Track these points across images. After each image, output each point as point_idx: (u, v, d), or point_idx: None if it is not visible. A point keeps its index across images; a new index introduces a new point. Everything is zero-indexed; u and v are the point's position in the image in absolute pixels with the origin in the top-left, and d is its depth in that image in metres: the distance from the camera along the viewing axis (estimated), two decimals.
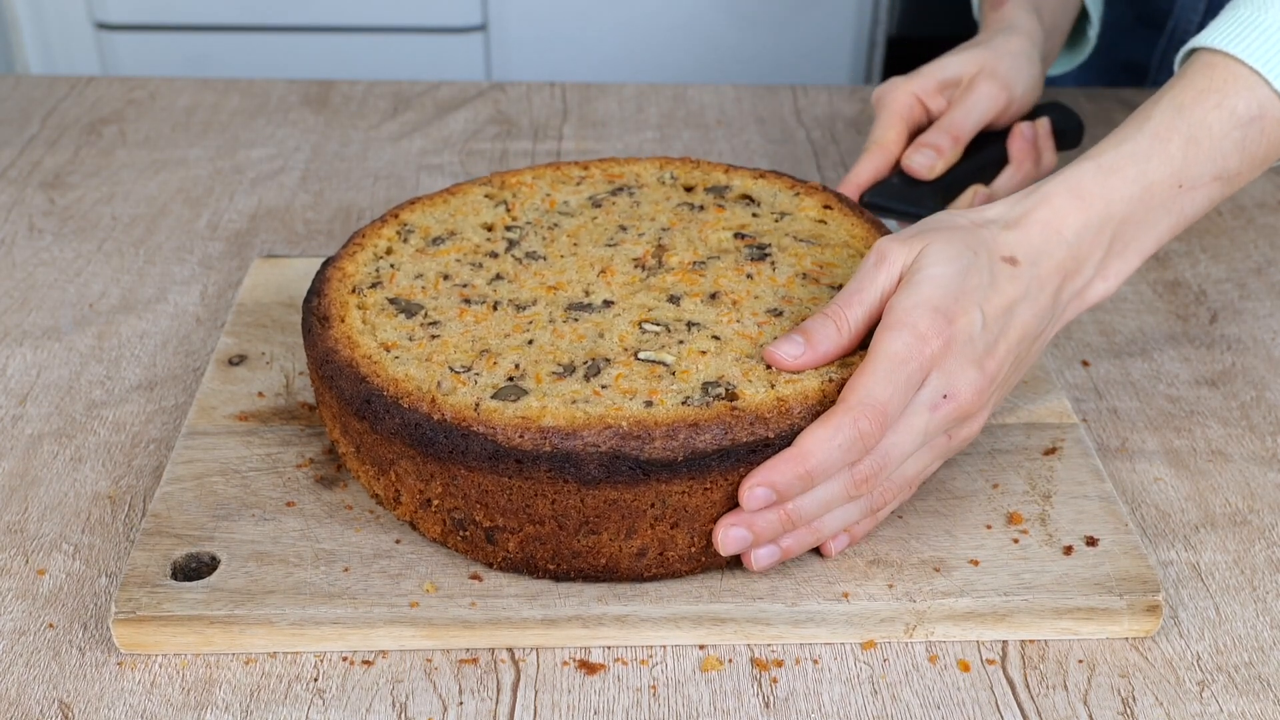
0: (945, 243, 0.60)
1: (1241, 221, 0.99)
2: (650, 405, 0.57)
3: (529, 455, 0.56)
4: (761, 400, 0.58)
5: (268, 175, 1.03)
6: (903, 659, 0.59)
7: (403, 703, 0.56)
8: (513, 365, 0.60)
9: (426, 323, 0.64)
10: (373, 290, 0.67)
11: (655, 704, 0.57)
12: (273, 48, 2.03)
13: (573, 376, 0.59)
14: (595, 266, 0.68)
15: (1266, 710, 0.57)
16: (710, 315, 0.64)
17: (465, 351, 0.61)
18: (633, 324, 0.63)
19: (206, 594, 0.59)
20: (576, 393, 0.58)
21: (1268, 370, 0.81)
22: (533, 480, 0.56)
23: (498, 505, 0.58)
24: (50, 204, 0.98)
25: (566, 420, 0.56)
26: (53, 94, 1.16)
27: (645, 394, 0.58)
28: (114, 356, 0.80)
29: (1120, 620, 0.60)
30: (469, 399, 0.58)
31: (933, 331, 0.57)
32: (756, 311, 0.64)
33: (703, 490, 0.57)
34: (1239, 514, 0.69)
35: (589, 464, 0.56)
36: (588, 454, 0.56)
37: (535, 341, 0.62)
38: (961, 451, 0.66)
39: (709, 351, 0.61)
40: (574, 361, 0.60)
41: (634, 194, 0.75)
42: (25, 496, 0.68)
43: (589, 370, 0.60)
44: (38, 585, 0.62)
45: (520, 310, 0.65)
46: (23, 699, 0.56)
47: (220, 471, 0.66)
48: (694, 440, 0.56)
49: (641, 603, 0.59)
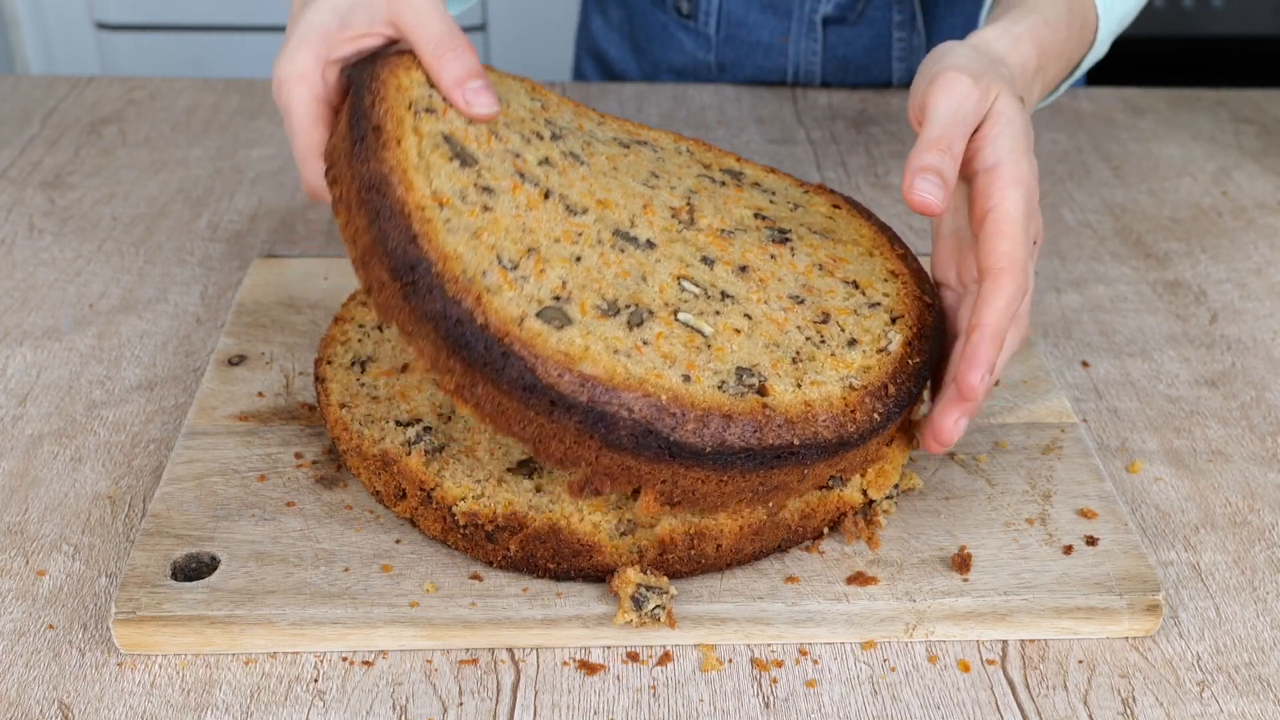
0: (1007, 87, 0.64)
1: (1241, 222, 0.99)
2: (688, 381, 0.57)
3: (564, 400, 0.55)
4: (790, 402, 0.57)
5: (268, 175, 1.03)
6: (903, 659, 0.59)
7: (403, 705, 0.56)
8: (559, 282, 0.58)
9: (480, 186, 0.60)
10: (428, 116, 0.60)
11: (655, 704, 0.57)
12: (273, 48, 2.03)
13: (616, 319, 0.58)
14: (638, 199, 0.66)
15: (1266, 710, 0.57)
16: (741, 289, 0.63)
17: (515, 242, 0.59)
18: (672, 276, 0.62)
19: (206, 594, 0.59)
20: (619, 340, 0.57)
21: (1268, 370, 0.81)
22: (557, 424, 0.55)
23: (508, 426, 0.56)
24: (50, 204, 0.98)
25: (607, 373, 0.55)
26: (53, 94, 1.16)
27: (684, 365, 0.57)
28: (114, 356, 0.80)
29: (1120, 620, 0.60)
30: (514, 309, 0.56)
31: (1034, 180, 0.63)
32: (781, 295, 0.63)
33: (717, 481, 0.57)
34: (1239, 514, 0.69)
35: (620, 429, 0.55)
36: (621, 419, 0.55)
37: (583, 261, 0.60)
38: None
39: (742, 331, 0.60)
40: (619, 301, 0.59)
41: (657, 151, 0.73)
42: (25, 497, 0.68)
43: (632, 318, 0.59)
44: (38, 586, 0.62)
45: (571, 215, 0.62)
46: (23, 699, 0.56)
47: (220, 471, 0.66)
48: (724, 433, 0.56)
49: None
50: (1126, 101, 1.19)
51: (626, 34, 1.23)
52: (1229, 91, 1.22)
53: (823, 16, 1.12)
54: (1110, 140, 1.12)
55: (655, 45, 1.20)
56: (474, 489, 0.61)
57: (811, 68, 1.18)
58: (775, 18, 1.15)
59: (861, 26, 1.16)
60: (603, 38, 1.25)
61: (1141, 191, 1.04)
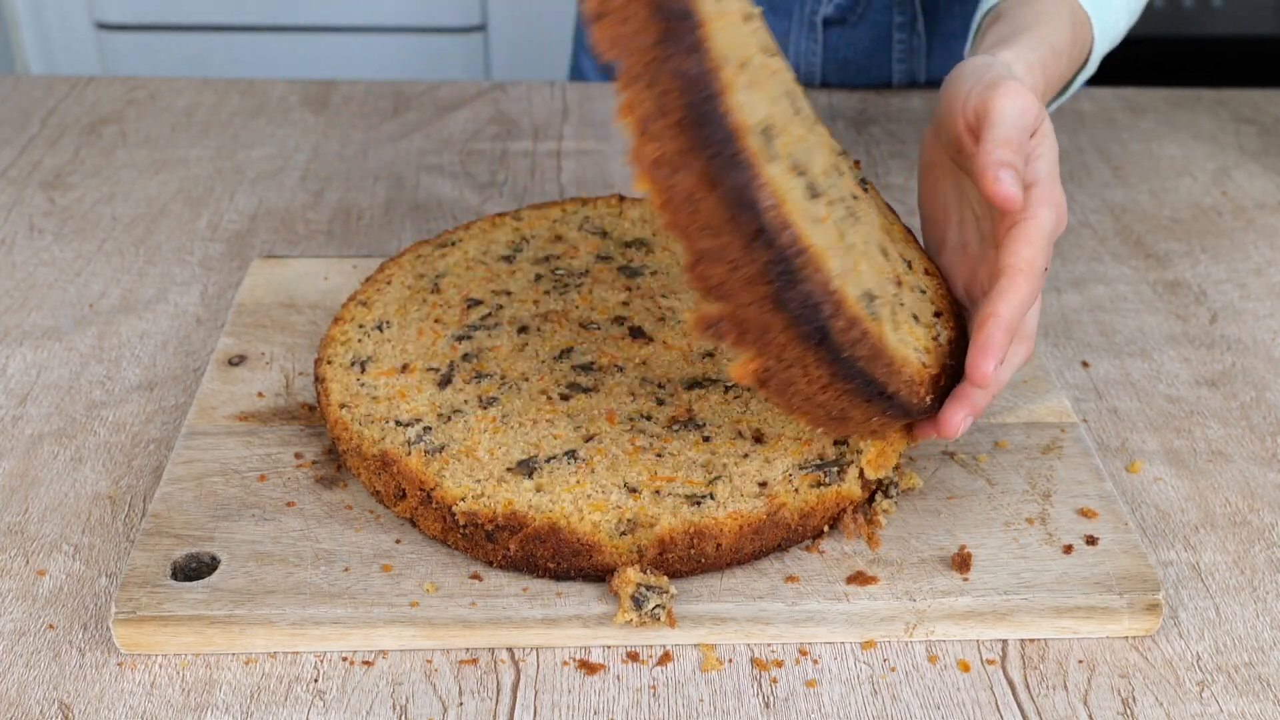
0: (1045, 109, 0.66)
1: (1241, 222, 0.99)
2: (843, 277, 0.55)
3: (767, 235, 0.51)
4: (894, 346, 0.57)
5: (268, 175, 1.03)
6: (903, 659, 0.59)
7: (403, 705, 0.56)
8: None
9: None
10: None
11: (655, 704, 0.57)
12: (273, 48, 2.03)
13: (804, 181, 0.55)
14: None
15: (1266, 710, 0.57)
16: (858, 213, 0.61)
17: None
18: (828, 162, 0.60)
19: (206, 594, 0.59)
20: (811, 206, 0.55)
21: (1268, 370, 0.81)
22: (744, 252, 0.51)
23: (689, 221, 0.51)
24: (50, 204, 0.98)
25: (802, 233, 0.52)
26: (53, 94, 1.16)
27: (842, 257, 0.56)
28: (114, 356, 0.80)
29: (1120, 619, 0.60)
30: (757, 115, 0.53)
31: (1064, 209, 0.64)
32: (871, 240, 0.61)
33: (822, 385, 0.56)
34: (1239, 514, 0.69)
35: (796, 289, 0.52)
36: (801, 279, 0.52)
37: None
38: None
39: (865, 255, 0.59)
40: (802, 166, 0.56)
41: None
42: (25, 497, 0.68)
43: (810, 189, 0.56)
44: (38, 586, 0.62)
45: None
46: (23, 699, 0.56)
47: (220, 471, 0.66)
48: (856, 346, 0.55)
49: None
50: (1126, 101, 1.19)
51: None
52: (1229, 91, 1.22)
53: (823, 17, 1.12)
54: (1110, 140, 1.12)
55: None
56: (474, 489, 0.61)
57: (811, 68, 1.18)
58: (775, 18, 1.15)
59: (862, 27, 1.16)
60: None
61: (1142, 191, 1.04)
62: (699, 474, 0.62)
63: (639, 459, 0.63)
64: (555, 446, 0.63)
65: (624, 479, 0.62)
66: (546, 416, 0.65)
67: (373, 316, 0.73)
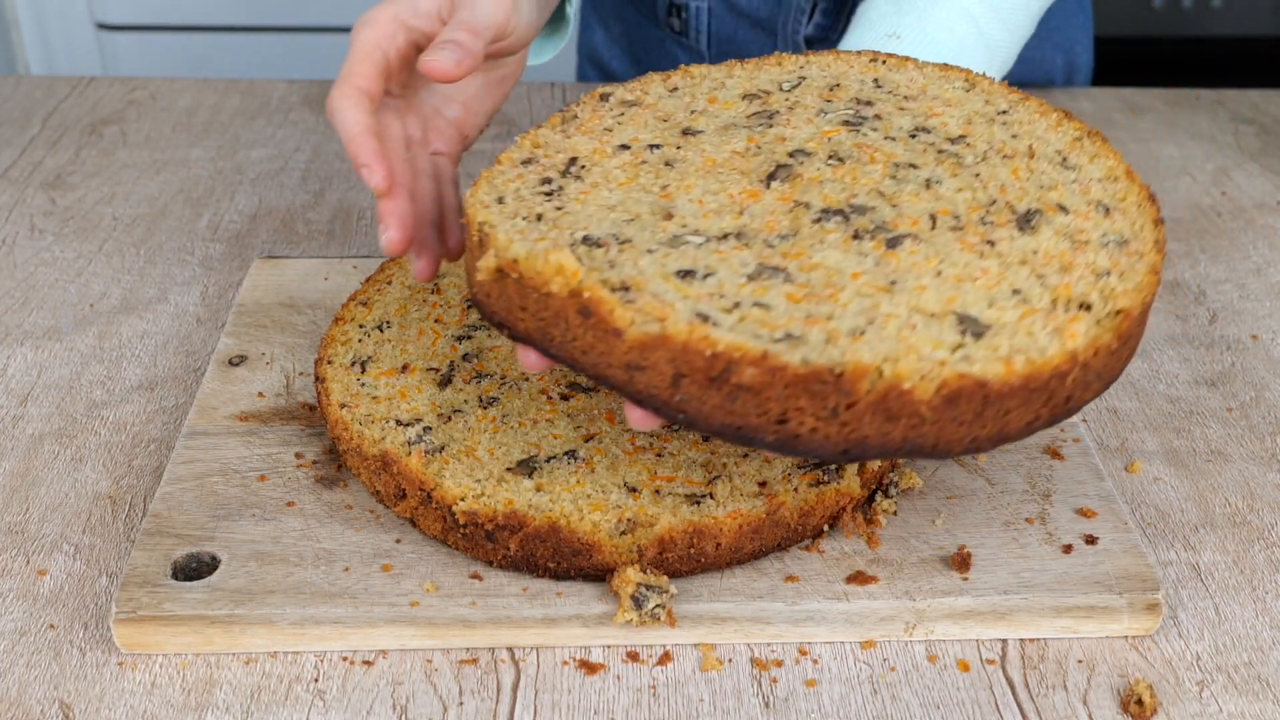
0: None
1: (1241, 222, 0.99)
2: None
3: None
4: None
5: (268, 175, 1.03)
6: (903, 659, 0.59)
7: (403, 705, 0.57)
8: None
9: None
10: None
11: (655, 704, 0.57)
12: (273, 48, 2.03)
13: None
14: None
15: (1266, 710, 0.57)
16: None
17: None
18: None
19: (207, 594, 0.59)
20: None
21: (1267, 370, 0.81)
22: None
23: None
24: (51, 204, 0.98)
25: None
26: (53, 94, 1.16)
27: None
28: (114, 356, 0.80)
29: (1120, 619, 0.60)
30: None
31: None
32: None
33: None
34: (1239, 514, 0.69)
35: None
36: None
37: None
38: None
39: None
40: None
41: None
42: (26, 497, 0.68)
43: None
44: (38, 586, 0.62)
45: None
46: (23, 699, 0.56)
47: (220, 471, 0.66)
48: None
49: None
50: (1126, 101, 1.20)
51: (626, 47, 1.24)
52: (1229, 91, 1.22)
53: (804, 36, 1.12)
54: (1110, 140, 1.12)
55: (653, 58, 1.22)
56: (474, 489, 0.61)
57: None
58: (764, 35, 1.16)
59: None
60: (604, 49, 1.26)
61: None
62: (698, 473, 0.62)
63: (639, 459, 0.63)
64: (555, 446, 0.64)
65: (624, 479, 0.62)
66: (546, 416, 0.65)
67: (373, 316, 0.73)
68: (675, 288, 0.53)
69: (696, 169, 0.62)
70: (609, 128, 0.66)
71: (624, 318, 0.51)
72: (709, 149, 0.63)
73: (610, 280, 0.53)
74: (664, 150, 0.64)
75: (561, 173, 0.62)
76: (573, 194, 0.60)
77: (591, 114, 0.67)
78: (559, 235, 0.56)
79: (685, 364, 0.51)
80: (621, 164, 0.63)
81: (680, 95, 0.69)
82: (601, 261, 0.55)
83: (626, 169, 0.62)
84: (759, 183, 0.60)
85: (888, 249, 0.56)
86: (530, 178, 0.62)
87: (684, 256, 0.55)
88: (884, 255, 0.55)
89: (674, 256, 0.55)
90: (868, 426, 0.50)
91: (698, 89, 0.69)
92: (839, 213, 0.58)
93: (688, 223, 0.58)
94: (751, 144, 0.64)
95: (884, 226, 0.57)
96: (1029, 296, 0.54)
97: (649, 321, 0.51)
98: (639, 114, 0.67)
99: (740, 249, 0.56)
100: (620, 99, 0.68)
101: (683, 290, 0.53)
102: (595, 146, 0.64)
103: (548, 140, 0.65)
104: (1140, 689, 0.57)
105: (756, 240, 0.57)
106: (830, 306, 0.52)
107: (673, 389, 0.52)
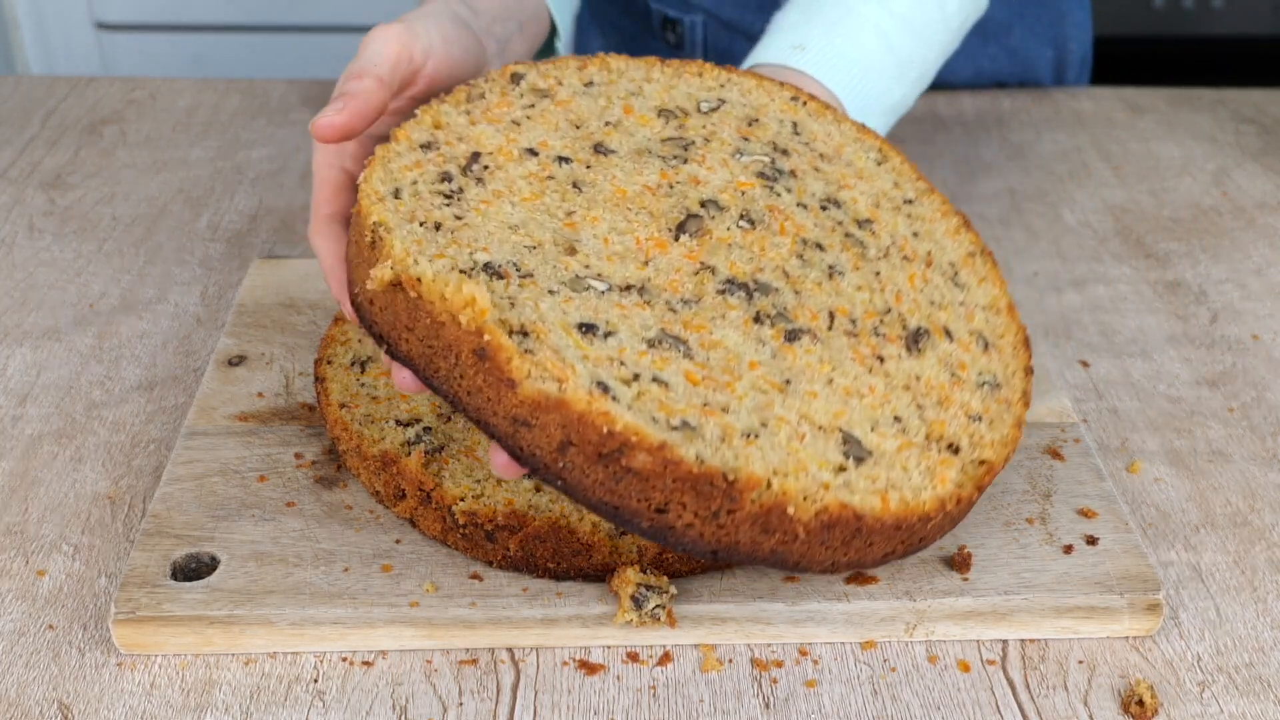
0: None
1: (1241, 222, 0.99)
2: None
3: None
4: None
5: (268, 175, 1.03)
6: (903, 659, 0.59)
7: (403, 705, 0.56)
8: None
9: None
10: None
11: (655, 704, 0.57)
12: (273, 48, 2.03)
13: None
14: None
15: (1267, 711, 0.57)
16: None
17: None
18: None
19: (206, 594, 0.59)
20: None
21: (1268, 370, 0.81)
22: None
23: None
24: (51, 204, 0.98)
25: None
26: (53, 94, 1.16)
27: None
28: (114, 357, 0.80)
29: (1121, 619, 0.60)
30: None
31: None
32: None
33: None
34: (1239, 514, 0.69)
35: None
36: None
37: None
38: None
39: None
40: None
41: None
42: (25, 497, 0.68)
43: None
44: (37, 586, 0.62)
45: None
46: (22, 700, 0.56)
47: (220, 472, 0.66)
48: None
49: None
50: (1126, 101, 1.19)
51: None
52: (1229, 91, 1.22)
53: None
54: (1110, 140, 1.12)
55: None
56: (474, 489, 0.61)
57: None
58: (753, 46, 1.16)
59: None
60: None
61: (1141, 191, 1.04)
62: None
63: None
64: None
65: None
66: None
67: None
68: (576, 344, 0.52)
69: (605, 198, 0.60)
70: (516, 120, 0.63)
71: (521, 369, 0.49)
72: (620, 176, 0.62)
73: (510, 321, 0.51)
74: (573, 167, 0.61)
75: (463, 169, 0.60)
76: (473, 200, 0.58)
77: (500, 97, 0.64)
78: (458, 252, 0.54)
79: (577, 434, 0.49)
80: (527, 174, 0.60)
81: (595, 94, 0.66)
82: (502, 297, 0.53)
83: (532, 182, 0.60)
84: (668, 232, 0.59)
85: (786, 341, 0.56)
86: (429, 169, 0.59)
87: (586, 305, 0.54)
88: (781, 348, 0.56)
89: (576, 303, 0.54)
90: (743, 534, 0.51)
91: (614, 90, 0.67)
92: (743, 287, 0.57)
93: (591, 264, 0.56)
94: (664, 180, 0.62)
95: (785, 315, 0.57)
96: (908, 427, 0.56)
97: (547, 379, 0.49)
98: (550, 111, 0.65)
99: (642, 306, 0.55)
100: (532, 84, 0.66)
101: (583, 349, 0.51)
102: (500, 144, 0.62)
103: (450, 121, 0.62)
104: (1141, 689, 0.57)
105: (659, 300, 0.55)
106: (727, 397, 0.52)
107: (558, 454, 0.50)
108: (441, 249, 0.54)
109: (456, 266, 0.53)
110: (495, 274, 0.54)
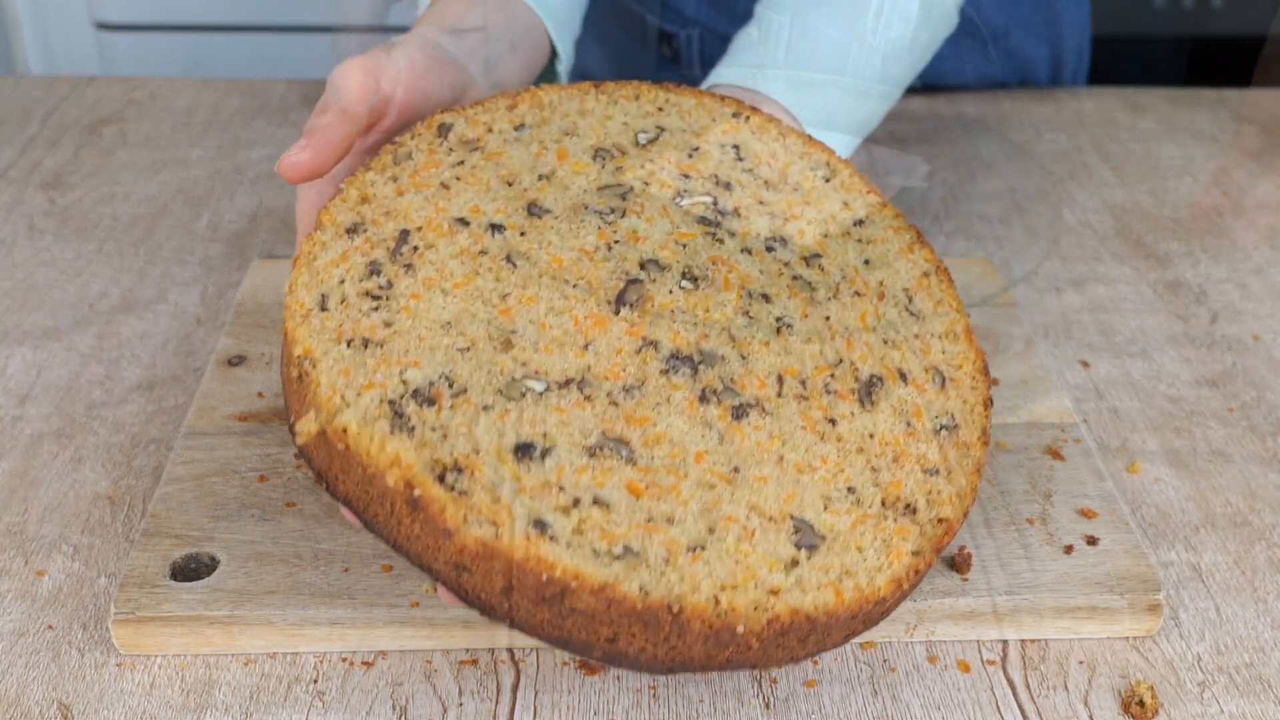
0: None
1: (1242, 222, 0.99)
2: None
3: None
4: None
5: (268, 175, 1.03)
6: (903, 659, 0.59)
7: (403, 705, 0.56)
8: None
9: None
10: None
11: (655, 704, 0.57)
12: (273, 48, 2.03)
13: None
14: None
15: (1267, 711, 0.57)
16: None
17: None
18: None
19: (206, 594, 0.59)
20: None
21: (1268, 370, 0.81)
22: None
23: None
24: (50, 204, 0.98)
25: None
26: (53, 94, 1.16)
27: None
28: (114, 357, 0.80)
29: (1121, 619, 0.60)
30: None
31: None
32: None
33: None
34: (1239, 514, 0.69)
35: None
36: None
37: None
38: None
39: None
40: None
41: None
42: (25, 497, 0.68)
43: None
44: (37, 586, 0.62)
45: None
46: (22, 700, 0.56)
47: (220, 472, 0.66)
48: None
49: None
50: (1127, 101, 1.19)
51: (618, 71, 1.25)
52: (1229, 91, 1.22)
53: None
54: (1110, 140, 1.12)
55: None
56: None
57: None
58: None
59: None
60: (597, 69, 1.27)
61: (1142, 191, 1.04)
62: None
63: None
64: None
65: None
66: None
67: None
68: (512, 473, 0.50)
69: (541, 271, 0.58)
70: (445, 182, 0.61)
71: (456, 517, 0.48)
72: (555, 242, 0.59)
73: (442, 460, 0.50)
74: (506, 236, 0.59)
75: (391, 253, 0.57)
76: (403, 297, 0.55)
77: (428, 156, 0.62)
78: (387, 374, 0.52)
79: (518, 579, 0.49)
80: (458, 251, 0.58)
81: (527, 140, 0.64)
82: (434, 428, 0.51)
83: (464, 260, 0.57)
84: (607, 305, 0.57)
85: (734, 419, 0.55)
86: (357, 261, 0.56)
87: (522, 419, 0.52)
88: (729, 428, 0.54)
89: (512, 417, 0.52)
90: (696, 651, 0.50)
91: (546, 133, 0.65)
92: (688, 360, 0.56)
93: (529, 359, 0.54)
94: (602, 240, 0.60)
95: (731, 387, 0.56)
96: (862, 498, 0.54)
97: (483, 524, 0.48)
98: (480, 167, 0.62)
99: (582, 405, 0.53)
100: (461, 135, 0.63)
101: (520, 478, 0.50)
102: (429, 215, 0.59)
103: (377, 192, 0.60)
104: (1141, 690, 0.57)
105: (600, 393, 0.54)
106: (672, 504, 0.51)
107: (502, 597, 0.50)
108: (370, 375, 0.52)
109: (385, 397, 0.51)
110: (426, 400, 0.52)
